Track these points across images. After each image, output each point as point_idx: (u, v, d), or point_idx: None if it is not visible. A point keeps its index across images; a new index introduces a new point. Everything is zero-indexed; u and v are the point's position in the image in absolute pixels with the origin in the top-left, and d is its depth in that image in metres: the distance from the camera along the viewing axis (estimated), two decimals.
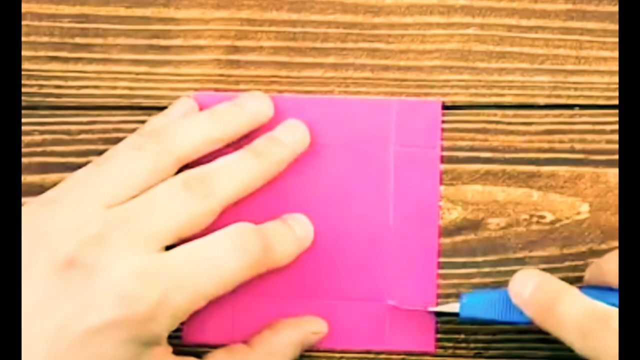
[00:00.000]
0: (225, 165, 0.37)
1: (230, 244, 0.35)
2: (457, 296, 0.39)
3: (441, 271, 0.39)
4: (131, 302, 0.33)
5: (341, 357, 0.40)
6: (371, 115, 0.39)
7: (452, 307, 0.38)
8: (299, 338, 0.38)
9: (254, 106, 0.39)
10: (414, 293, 0.39)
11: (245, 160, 0.37)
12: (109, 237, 0.34)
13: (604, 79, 0.40)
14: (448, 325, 0.39)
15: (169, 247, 0.35)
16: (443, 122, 0.40)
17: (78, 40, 0.40)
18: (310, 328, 0.39)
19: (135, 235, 0.34)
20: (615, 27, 0.40)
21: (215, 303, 0.36)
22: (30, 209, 0.35)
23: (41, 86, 0.40)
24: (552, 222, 0.40)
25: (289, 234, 0.38)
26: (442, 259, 0.39)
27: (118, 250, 0.33)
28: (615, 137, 0.40)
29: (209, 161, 0.37)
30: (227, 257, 0.35)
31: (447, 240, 0.40)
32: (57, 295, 0.32)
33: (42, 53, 0.40)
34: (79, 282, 0.33)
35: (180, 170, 0.36)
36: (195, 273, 0.34)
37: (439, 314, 0.39)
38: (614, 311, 0.33)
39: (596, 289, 0.35)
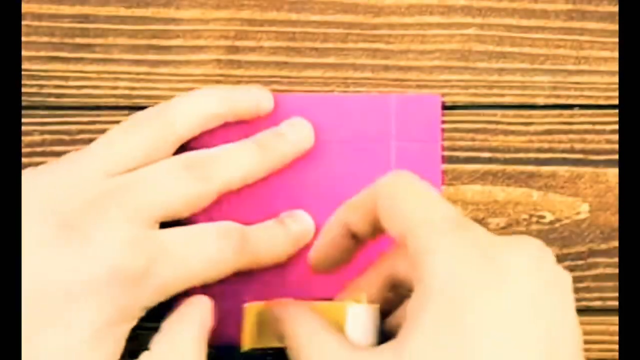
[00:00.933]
0: (227, 152, 0.37)
1: (217, 234, 0.35)
2: None
3: None
4: (118, 268, 0.33)
5: None
6: (371, 111, 0.39)
7: None
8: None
9: (254, 90, 0.39)
10: None
11: (248, 150, 0.38)
12: (104, 206, 0.34)
13: (603, 79, 0.40)
14: None
15: (163, 226, 0.35)
16: (443, 122, 0.40)
17: (78, 40, 0.40)
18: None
19: (129, 206, 0.34)
20: (615, 27, 0.40)
21: (220, 298, 0.36)
22: (32, 172, 0.35)
23: (41, 86, 0.40)
24: (551, 222, 0.40)
25: (281, 234, 0.38)
26: None
27: (110, 219, 0.34)
28: (615, 137, 0.40)
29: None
30: (213, 245, 0.35)
31: None
32: (47, 254, 0.33)
33: (42, 53, 0.40)
34: (70, 244, 0.33)
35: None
36: (184, 252, 0.35)
37: None
38: None
39: None
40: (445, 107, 0.40)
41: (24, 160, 0.40)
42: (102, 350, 0.33)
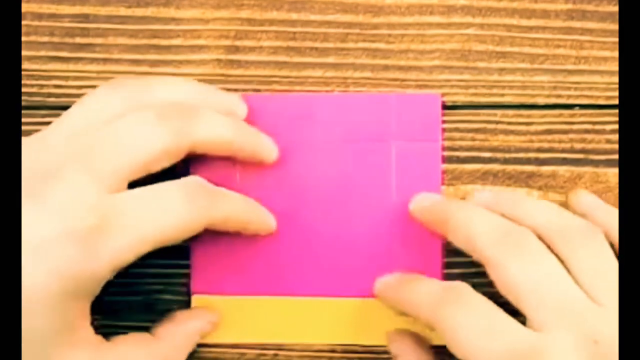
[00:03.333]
0: (210, 113, 0.36)
1: (179, 194, 0.34)
2: None
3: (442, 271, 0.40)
4: (68, 229, 0.32)
5: (341, 357, 0.40)
6: (371, 110, 0.39)
7: None
8: (199, 327, 0.39)
9: (231, 96, 0.39)
10: None
11: (225, 121, 0.36)
12: (63, 168, 0.33)
13: (604, 79, 0.40)
14: None
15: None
16: (443, 122, 0.40)
17: (78, 40, 0.40)
18: (207, 318, 0.39)
19: (89, 168, 0.33)
20: (615, 27, 0.40)
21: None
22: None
23: (41, 86, 0.40)
24: None
25: (239, 199, 0.37)
26: (443, 260, 0.40)
27: (68, 181, 0.33)
28: (615, 137, 0.40)
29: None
30: (174, 206, 0.34)
31: (447, 241, 0.39)
32: None
33: (42, 53, 0.40)
34: (28, 208, 0.32)
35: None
36: (143, 215, 0.33)
37: None
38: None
39: None
40: (445, 107, 0.40)
41: None
42: (54, 319, 0.32)
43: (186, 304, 0.40)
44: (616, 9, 0.40)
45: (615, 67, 0.40)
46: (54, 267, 0.32)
